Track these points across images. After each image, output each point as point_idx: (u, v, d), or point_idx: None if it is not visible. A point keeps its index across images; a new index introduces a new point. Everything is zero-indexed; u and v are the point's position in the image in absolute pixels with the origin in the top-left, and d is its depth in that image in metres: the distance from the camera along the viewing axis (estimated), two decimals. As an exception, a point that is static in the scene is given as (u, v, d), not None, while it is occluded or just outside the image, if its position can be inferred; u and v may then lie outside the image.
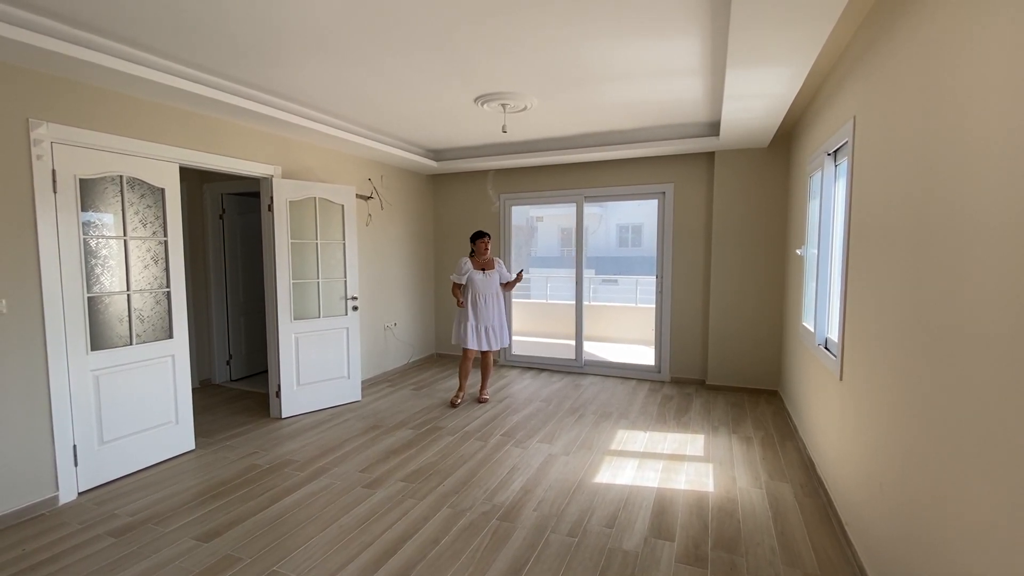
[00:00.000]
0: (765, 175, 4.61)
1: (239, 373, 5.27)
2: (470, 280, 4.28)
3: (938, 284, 1.50)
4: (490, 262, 4.38)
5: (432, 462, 3.22)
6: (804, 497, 2.75)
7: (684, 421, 3.98)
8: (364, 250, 5.02)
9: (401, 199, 5.59)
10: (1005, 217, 1.16)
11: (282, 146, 4.06)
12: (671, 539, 2.37)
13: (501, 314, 4.40)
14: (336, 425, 3.90)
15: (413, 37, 2.53)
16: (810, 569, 2.14)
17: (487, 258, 4.37)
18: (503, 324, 4.41)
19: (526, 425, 3.89)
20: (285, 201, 3.93)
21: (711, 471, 3.09)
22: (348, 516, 2.57)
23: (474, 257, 4.37)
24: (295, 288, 4.05)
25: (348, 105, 3.67)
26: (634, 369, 5.40)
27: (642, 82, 3.20)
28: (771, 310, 4.69)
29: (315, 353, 4.19)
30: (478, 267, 4.32)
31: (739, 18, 2.04)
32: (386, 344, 5.44)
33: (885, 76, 2.01)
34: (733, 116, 3.51)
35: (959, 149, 1.39)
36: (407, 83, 3.20)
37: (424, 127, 4.34)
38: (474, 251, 4.38)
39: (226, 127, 3.59)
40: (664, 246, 5.11)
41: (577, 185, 5.39)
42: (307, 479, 2.98)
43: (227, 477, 3.02)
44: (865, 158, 2.25)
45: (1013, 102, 1.14)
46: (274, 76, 3.05)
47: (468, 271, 4.28)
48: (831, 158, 3.01)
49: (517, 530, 2.44)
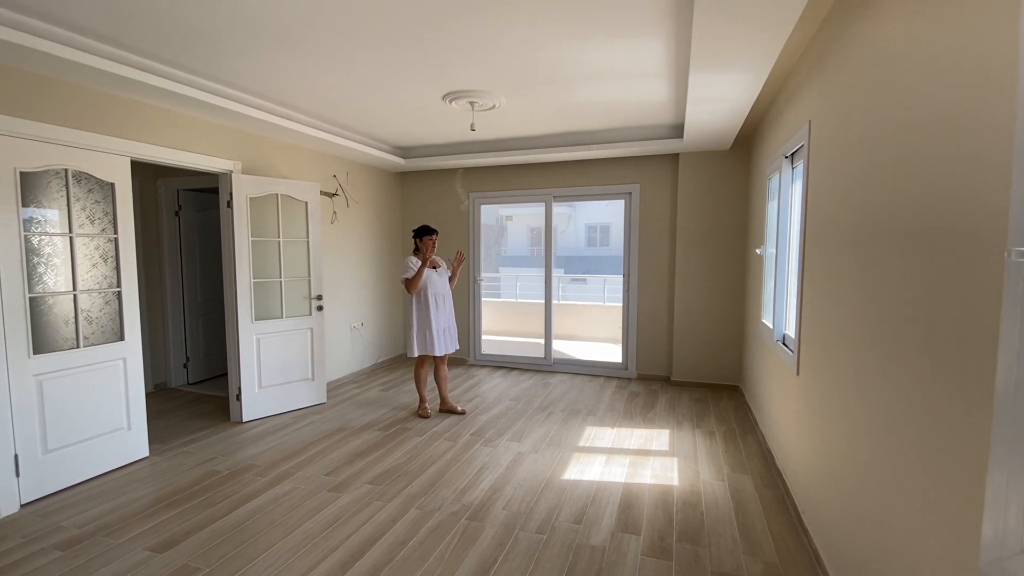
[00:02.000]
0: (727, 177, 4.75)
1: (197, 376, 5.08)
2: (426, 279, 3.89)
3: (881, 284, 1.58)
4: (436, 261, 4.00)
5: (400, 463, 3.18)
6: (764, 488, 2.85)
7: (650, 417, 4.06)
8: (329, 248, 4.91)
9: (368, 197, 5.50)
10: (924, 221, 1.23)
11: (243, 141, 3.93)
12: (637, 533, 2.41)
13: (453, 314, 4.09)
14: (300, 428, 3.80)
15: (381, 33, 2.49)
16: (769, 557, 2.22)
17: (433, 257, 3.97)
18: (455, 324, 4.10)
19: (495, 424, 3.88)
20: (245, 197, 3.80)
21: (676, 465, 3.16)
22: (312, 521, 2.51)
23: (419, 254, 3.90)
24: (256, 287, 3.92)
25: (313, 100, 3.59)
26: (602, 367, 5.47)
27: (609, 84, 3.25)
28: (733, 308, 4.83)
29: (278, 354, 4.07)
30: (428, 266, 3.92)
31: (701, 24, 2.09)
32: (352, 344, 5.34)
33: (837, 83, 2.10)
34: (696, 119, 3.60)
35: (900, 153, 1.47)
36: (374, 79, 3.15)
37: (392, 124, 4.28)
38: (418, 248, 3.91)
39: (182, 120, 3.45)
40: (631, 246, 5.20)
41: (546, 185, 5.42)
42: (269, 484, 2.90)
43: (184, 484, 2.90)
44: (819, 161, 2.35)
45: (942, 110, 1.21)
46: (234, 68, 2.95)
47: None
48: (788, 161, 3.13)
49: (486, 529, 2.43)
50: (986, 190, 1.06)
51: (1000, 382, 0.98)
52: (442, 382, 4.13)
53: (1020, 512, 0.94)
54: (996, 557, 0.99)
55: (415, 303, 3.92)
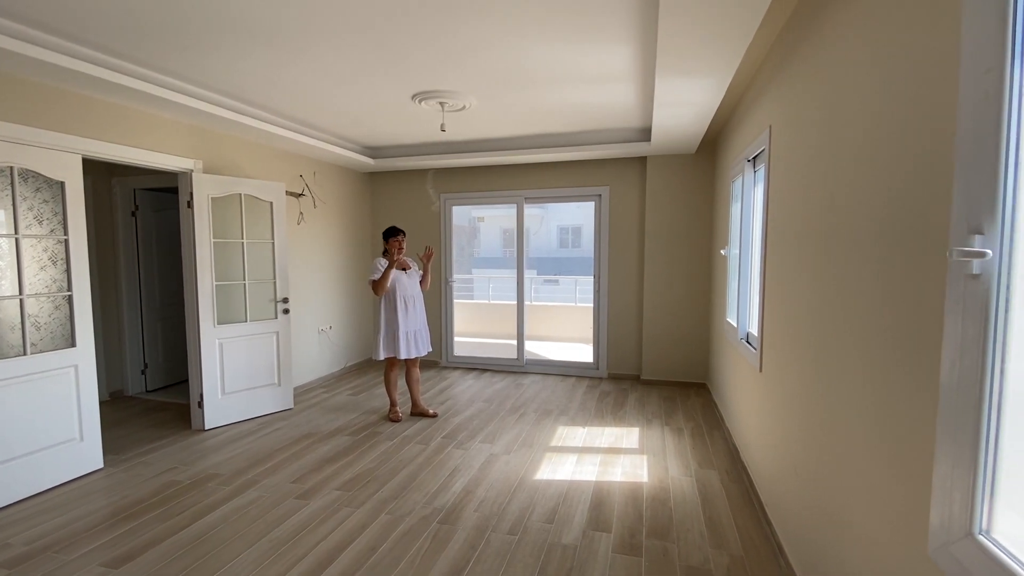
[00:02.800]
0: (693, 180, 4.86)
1: (156, 383, 4.89)
2: (395, 281, 3.82)
3: (836, 283, 1.64)
4: (405, 262, 3.92)
5: (370, 468, 3.13)
6: (730, 483, 2.92)
7: (620, 415, 4.12)
8: (296, 250, 4.80)
9: (336, 197, 5.40)
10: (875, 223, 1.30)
11: (204, 139, 3.80)
12: (608, 530, 2.44)
13: (425, 316, 4.03)
14: (266, 435, 3.70)
15: (349, 31, 2.45)
16: (735, 550, 2.28)
17: (402, 258, 3.87)
18: (427, 327, 4.03)
19: (468, 426, 3.87)
20: (207, 197, 3.68)
21: (645, 462, 3.21)
22: (279, 529, 2.44)
23: (388, 257, 3.83)
24: (219, 290, 3.80)
25: (279, 98, 3.50)
26: (574, 367, 5.52)
27: (579, 87, 3.28)
28: (699, 307, 4.95)
29: (242, 359, 3.96)
30: (397, 267, 3.84)
31: (666, 30, 2.13)
32: (321, 348, 5.23)
33: (795, 90, 2.17)
34: (663, 122, 3.67)
35: (852, 158, 1.53)
36: (342, 78, 3.10)
37: (360, 123, 4.22)
38: (387, 250, 3.86)
39: (139, 116, 3.31)
40: (601, 247, 5.26)
41: (517, 186, 5.43)
42: (233, 493, 2.81)
43: (142, 496, 2.78)
44: (779, 165, 2.43)
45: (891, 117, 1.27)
46: (196, 64, 2.85)
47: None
48: (751, 164, 3.22)
49: (458, 532, 2.42)
50: (931, 193, 1.12)
51: (944, 377, 1.03)
52: (414, 385, 4.08)
53: (964, 500, 1.00)
54: (943, 543, 1.05)
55: (383, 305, 3.86)
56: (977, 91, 0.94)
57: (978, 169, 0.93)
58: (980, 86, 0.93)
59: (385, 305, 3.86)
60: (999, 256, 0.90)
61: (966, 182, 0.97)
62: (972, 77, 0.95)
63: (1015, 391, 0.91)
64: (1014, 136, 0.88)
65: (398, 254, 3.81)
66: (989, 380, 0.92)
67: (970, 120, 0.95)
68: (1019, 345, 0.90)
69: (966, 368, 0.96)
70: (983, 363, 0.92)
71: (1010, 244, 0.89)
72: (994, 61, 0.90)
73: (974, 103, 0.94)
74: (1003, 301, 0.90)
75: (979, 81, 0.93)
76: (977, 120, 0.94)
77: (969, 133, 0.96)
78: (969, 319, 0.95)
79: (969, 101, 0.96)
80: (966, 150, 0.97)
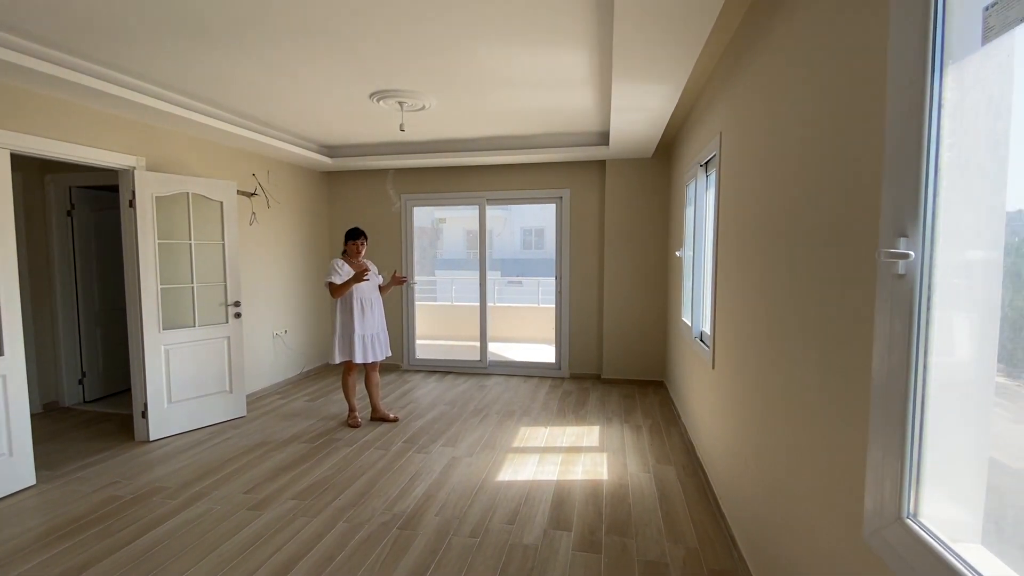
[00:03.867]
0: (650, 183, 4.99)
1: (96, 393, 4.60)
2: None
3: (779, 283, 1.72)
4: (364, 265, 3.85)
5: (327, 476, 3.05)
6: (686, 477, 3.01)
7: (582, 414, 4.18)
8: (249, 251, 4.62)
9: (291, 197, 5.24)
10: (814, 226, 1.37)
11: (148, 135, 3.62)
12: (568, 529, 2.46)
13: (384, 319, 3.97)
14: (216, 444, 3.54)
15: (300, 29, 2.38)
16: (691, 543, 2.35)
17: (360, 261, 3.83)
18: (386, 331, 3.97)
19: (429, 430, 3.83)
20: (151, 196, 3.50)
21: (605, 460, 3.26)
22: (230, 543, 2.34)
23: (346, 258, 3.79)
24: (164, 294, 3.62)
25: (229, 94, 3.37)
26: (537, 367, 5.56)
27: (538, 90, 3.31)
28: (657, 307, 5.08)
29: (190, 366, 3.78)
30: (356, 269, 3.76)
31: (620, 36, 2.18)
32: (276, 353, 5.06)
33: (743, 99, 2.27)
34: (620, 127, 3.75)
35: (793, 164, 1.61)
36: (296, 75, 3.01)
37: (316, 121, 4.11)
38: (346, 251, 3.80)
39: (74, 110, 3.12)
40: (562, 249, 5.32)
41: (479, 188, 5.43)
42: (181, 507, 2.68)
43: (79, 513, 2.62)
44: (729, 170, 2.52)
45: (827, 125, 1.34)
46: (139, 58, 2.70)
47: (350, 273, 3.68)
48: (703, 169, 3.34)
49: (418, 537, 2.39)
50: (863, 198, 1.19)
51: (875, 371, 1.10)
52: (373, 389, 4.00)
53: (894, 486, 1.06)
54: (876, 528, 1.11)
55: (339, 308, 3.77)
56: (902, 103, 1.00)
57: (903, 175, 1.00)
58: (904, 98, 0.99)
59: (341, 307, 3.77)
60: (921, 257, 0.96)
61: (892, 188, 1.03)
62: (897, 89, 1.02)
63: (937, 383, 0.98)
64: (934, 145, 0.95)
65: (355, 257, 3.76)
66: (914, 373, 0.99)
67: (896, 130, 1.02)
68: (940, 341, 0.97)
69: (894, 362, 1.02)
70: (909, 357, 0.99)
71: (931, 246, 0.96)
72: (916, 75, 0.97)
73: (899, 114, 1.01)
74: (925, 299, 0.97)
75: (903, 93, 1.00)
76: (902, 130, 1.00)
77: (895, 142, 1.02)
78: (896, 316, 1.02)
79: (895, 112, 1.02)
80: (892, 158, 1.03)
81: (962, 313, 0.97)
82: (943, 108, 0.93)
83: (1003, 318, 0.90)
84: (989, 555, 0.90)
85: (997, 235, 0.90)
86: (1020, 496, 0.97)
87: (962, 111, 0.91)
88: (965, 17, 0.91)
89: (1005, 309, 0.90)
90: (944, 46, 0.93)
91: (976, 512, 0.96)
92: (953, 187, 0.93)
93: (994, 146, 0.89)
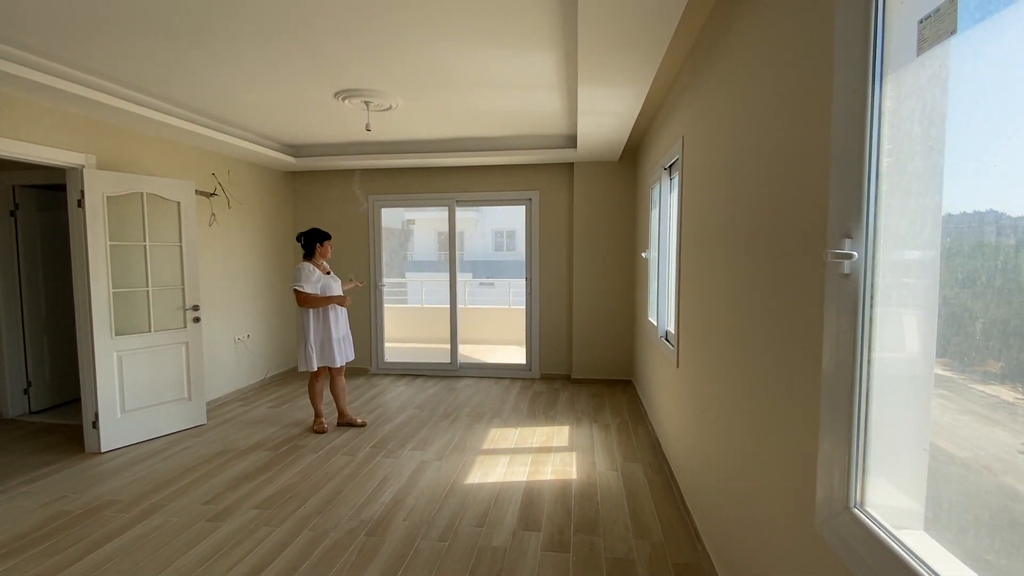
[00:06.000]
0: (616, 186, 5.06)
1: (42, 403, 4.36)
2: (325, 288, 3.64)
3: (738, 283, 1.77)
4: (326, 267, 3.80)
5: (291, 484, 2.97)
6: (652, 475, 3.06)
7: (551, 415, 4.20)
8: (208, 253, 4.47)
9: (253, 197, 5.09)
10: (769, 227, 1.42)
11: (99, 132, 3.46)
12: (538, 529, 2.47)
13: (347, 320, 3.91)
14: (174, 454, 3.41)
15: (264, 23, 2.32)
16: (656, 539, 2.39)
17: (322, 262, 3.77)
18: (350, 332, 3.95)
19: (398, 434, 3.78)
20: (102, 196, 3.34)
21: (574, 459, 3.29)
22: (187, 556, 2.26)
23: (313, 260, 3.71)
24: (117, 298, 3.46)
25: (185, 91, 3.25)
26: (507, 369, 5.56)
27: (506, 92, 3.32)
28: (624, 308, 5.16)
29: (145, 373, 3.62)
30: (323, 272, 3.71)
31: (585, 41, 2.21)
32: (238, 359, 4.91)
33: (704, 103, 2.32)
34: (587, 130, 3.79)
35: (750, 169, 1.66)
36: (255, 72, 2.93)
37: (279, 120, 4.01)
38: (312, 254, 3.71)
39: (16, 104, 2.95)
40: (532, 250, 5.34)
41: (449, 189, 5.40)
42: (134, 520, 2.56)
43: (24, 530, 2.47)
44: (691, 173, 2.58)
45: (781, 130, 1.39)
46: (87, 52, 2.58)
47: (320, 278, 3.62)
48: (667, 172, 3.41)
49: (385, 543, 2.35)
50: (813, 201, 1.24)
51: (824, 366, 1.14)
52: (340, 394, 3.92)
53: (842, 477, 1.10)
54: (826, 518, 1.15)
55: (313, 315, 3.67)
56: (846, 109, 1.05)
57: (847, 179, 1.04)
58: (848, 104, 1.04)
59: (316, 314, 3.68)
60: (864, 258, 1.00)
61: (839, 191, 1.08)
62: (842, 96, 1.06)
63: (881, 377, 1.02)
64: (875, 150, 0.99)
65: (324, 259, 3.77)
66: (859, 368, 1.03)
67: (841, 135, 1.07)
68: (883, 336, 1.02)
69: (841, 357, 1.07)
70: (854, 353, 1.03)
71: (873, 247, 1.00)
72: (858, 82, 1.01)
73: (844, 119, 1.05)
74: (868, 297, 1.01)
75: (847, 99, 1.04)
76: (846, 135, 1.05)
77: (840, 147, 1.07)
78: (842, 313, 1.06)
79: (840, 117, 1.07)
80: (838, 161, 1.08)
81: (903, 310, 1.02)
82: (883, 115, 0.98)
83: (941, 314, 0.95)
84: (931, 540, 0.95)
85: (933, 236, 0.95)
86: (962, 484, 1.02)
87: (899, 118, 0.96)
88: (902, 28, 0.95)
89: (942, 306, 0.95)
90: (884, 56, 0.98)
91: (919, 499, 1.01)
92: (893, 191, 0.98)
93: (928, 152, 0.93)
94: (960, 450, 1.04)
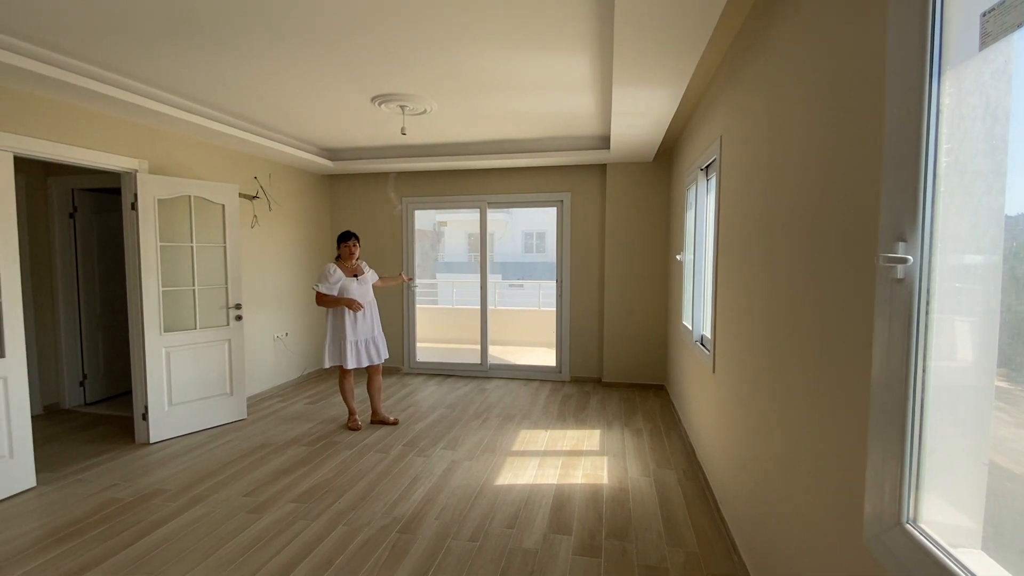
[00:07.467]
0: (650, 187, 4.99)
1: (96, 395, 4.61)
2: (343, 290, 3.71)
3: (780, 288, 1.72)
4: (358, 267, 3.85)
5: (327, 479, 3.04)
6: (686, 482, 3.00)
7: (582, 418, 4.17)
8: (250, 254, 4.63)
9: (292, 200, 5.25)
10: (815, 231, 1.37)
11: (150, 138, 3.63)
12: (569, 533, 2.46)
13: (379, 323, 3.95)
14: (216, 447, 3.54)
15: (305, 32, 2.39)
16: (691, 547, 2.34)
17: (354, 263, 3.84)
18: (382, 334, 3.96)
19: (429, 433, 3.82)
20: (153, 199, 3.51)
21: (606, 464, 3.26)
22: (229, 546, 2.34)
23: (340, 262, 3.81)
24: (166, 296, 3.63)
25: (230, 98, 3.38)
26: (537, 371, 5.55)
27: (540, 94, 3.32)
28: (657, 311, 5.07)
29: (191, 368, 3.78)
30: (348, 273, 3.78)
31: (621, 42, 2.19)
32: (276, 356, 5.07)
33: (743, 103, 2.27)
34: (621, 131, 3.76)
35: (793, 169, 1.61)
36: (297, 79, 3.02)
37: (318, 124, 4.13)
38: (339, 255, 3.83)
39: (78, 113, 3.13)
40: (563, 252, 5.32)
41: (480, 191, 5.44)
42: (180, 509, 2.68)
43: (79, 515, 2.61)
44: (730, 174, 2.53)
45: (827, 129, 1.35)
46: (142, 62, 2.72)
47: (340, 279, 3.71)
48: (704, 173, 3.34)
49: (417, 541, 2.38)
50: (863, 203, 1.19)
51: (874, 375, 1.09)
52: (375, 393, 4.00)
53: (893, 491, 1.06)
54: (876, 533, 1.11)
55: (331, 313, 3.78)
56: (900, 108, 1.00)
57: (901, 180, 1.00)
58: (903, 103, 1.00)
59: (333, 313, 3.78)
60: (920, 262, 0.96)
61: (891, 192, 1.03)
62: (896, 94, 1.02)
63: (936, 388, 0.98)
64: (932, 150, 0.95)
65: (349, 259, 3.79)
66: (913, 377, 0.99)
67: (895, 134, 1.02)
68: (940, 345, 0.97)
69: (893, 366, 1.02)
70: (907, 361, 0.99)
71: (929, 251, 0.96)
72: (914, 80, 0.97)
73: (898, 118, 1.01)
74: (924, 304, 0.97)
75: (902, 98, 1.00)
76: (901, 134, 1.00)
77: (894, 146, 1.03)
78: (895, 321, 1.02)
79: (894, 116, 1.03)
80: (891, 162, 1.03)
81: (961, 317, 0.97)
82: (941, 113, 0.94)
83: (1002, 322, 0.90)
84: (989, 560, 0.90)
85: (996, 239, 0.90)
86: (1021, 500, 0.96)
87: (960, 116, 0.92)
88: (963, 23, 0.91)
89: (1004, 313, 0.90)
90: (942, 51, 0.94)
91: (976, 517, 0.96)
92: (951, 192, 0.93)
93: (991, 151, 0.89)
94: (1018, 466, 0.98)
